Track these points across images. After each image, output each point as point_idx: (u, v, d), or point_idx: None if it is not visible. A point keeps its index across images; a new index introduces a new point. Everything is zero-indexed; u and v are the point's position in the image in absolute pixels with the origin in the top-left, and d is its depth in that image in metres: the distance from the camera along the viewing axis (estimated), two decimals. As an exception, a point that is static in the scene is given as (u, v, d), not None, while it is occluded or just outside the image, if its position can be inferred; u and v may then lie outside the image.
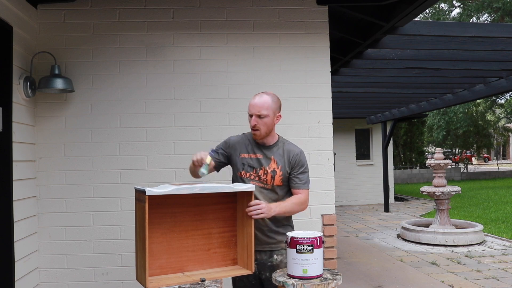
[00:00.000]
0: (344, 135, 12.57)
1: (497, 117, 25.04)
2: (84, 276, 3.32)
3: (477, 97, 7.56)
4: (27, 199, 3.14)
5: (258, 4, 3.53)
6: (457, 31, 4.51)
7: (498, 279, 4.99)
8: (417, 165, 22.15)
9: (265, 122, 2.39)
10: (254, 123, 2.39)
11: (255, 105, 2.39)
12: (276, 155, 2.47)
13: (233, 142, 2.54)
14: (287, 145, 2.52)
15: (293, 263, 2.11)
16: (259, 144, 2.49)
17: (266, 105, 2.39)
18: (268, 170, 2.44)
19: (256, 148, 2.49)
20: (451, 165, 18.81)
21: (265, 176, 2.44)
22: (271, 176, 2.43)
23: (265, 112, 2.38)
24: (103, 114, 3.39)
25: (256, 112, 2.38)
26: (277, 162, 2.45)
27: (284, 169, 2.45)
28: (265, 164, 2.45)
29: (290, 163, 2.46)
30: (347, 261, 6.01)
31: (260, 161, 2.46)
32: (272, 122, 2.43)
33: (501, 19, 17.65)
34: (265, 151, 2.47)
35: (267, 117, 2.39)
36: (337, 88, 7.12)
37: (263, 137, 2.45)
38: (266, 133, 2.44)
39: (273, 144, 2.50)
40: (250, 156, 2.47)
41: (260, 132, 2.41)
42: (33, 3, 3.27)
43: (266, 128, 2.41)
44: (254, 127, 2.40)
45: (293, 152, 2.49)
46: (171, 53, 3.45)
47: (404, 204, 12.61)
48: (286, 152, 2.48)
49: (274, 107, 2.43)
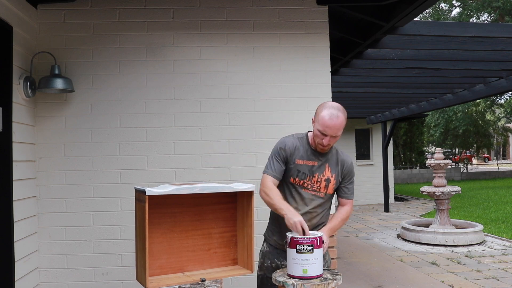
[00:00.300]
0: (344, 135, 12.48)
1: (496, 116, 25.04)
2: (84, 276, 3.32)
3: (477, 97, 7.56)
4: (27, 199, 3.14)
5: (258, 4, 3.53)
6: (457, 31, 4.51)
7: (498, 279, 4.99)
8: (417, 165, 22.15)
9: (335, 141, 2.36)
10: (328, 142, 2.31)
11: (333, 128, 2.27)
12: (331, 163, 2.44)
13: (290, 147, 2.42)
14: (340, 155, 2.50)
15: (293, 263, 2.11)
16: (315, 151, 2.42)
17: (341, 126, 2.31)
18: (322, 178, 2.41)
19: (312, 154, 2.42)
20: (451, 165, 18.82)
21: (318, 184, 2.41)
22: (325, 184, 2.42)
23: (340, 133, 2.32)
24: (103, 114, 3.39)
25: (333, 134, 2.29)
26: (331, 170, 2.43)
27: (337, 178, 2.45)
28: (319, 172, 2.41)
29: (343, 173, 2.47)
30: (347, 261, 6.01)
31: (315, 168, 2.41)
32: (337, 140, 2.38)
33: (501, 19, 17.65)
34: (321, 157, 2.42)
35: (338, 137, 2.33)
36: (337, 88, 7.12)
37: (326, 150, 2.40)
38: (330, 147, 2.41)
39: (328, 152, 2.45)
40: (306, 163, 2.40)
41: (329, 148, 2.39)
42: (33, 3, 3.27)
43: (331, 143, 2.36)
44: (325, 146, 2.34)
45: (347, 162, 2.49)
46: (171, 53, 3.45)
47: (404, 204, 12.61)
48: (340, 162, 2.47)
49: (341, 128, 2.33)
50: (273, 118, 3.51)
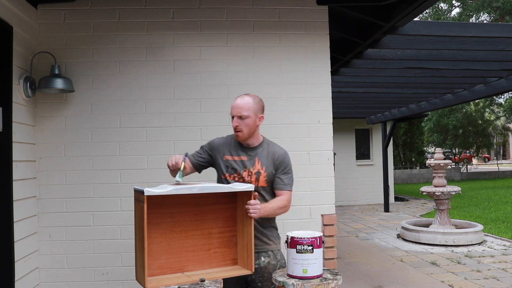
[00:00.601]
0: (344, 135, 12.57)
1: (495, 115, 25.04)
2: (84, 276, 3.32)
3: (477, 97, 7.56)
4: (27, 199, 3.14)
5: (258, 4, 3.53)
6: (457, 31, 4.51)
7: (498, 279, 4.99)
8: (417, 165, 22.15)
9: (246, 123, 2.40)
10: (236, 124, 2.41)
11: (236, 107, 2.42)
12: (261, 156, 2.47)
13: (217, 144, 2.54)
14: (271, 146, 2.53)
15: (293, 263, 2.11)
16: (243, 145, 2.49)
17: (247, 106, 2.40)
18: (253, 171, 2.44)
19: (240, 150, 2.49)
20: (451, 165, 18.83)
21: (249, 178, 2.44)
22: (256, 177, 2.44)
23: (246, 113, 2.39)
24: (103, 114, 3.39)
25: (237, 113, 2.40)
26: (261, 163, 2.46)
27: (269, 169, 2.46)
28: (249, 166, 2.45)
29: (274, 164, 2.47)
30: (347, 261, 6.01)
31: (244, 163, 2.45)
32: (254, 123, 2.43)
33: (501, 19, 17.65)
34: (249, 152, 2.48)
35: (248, 118, 2.40)
36: (337, 88, 7.12)
37: (245, 138, 2.45)
38: (249, 134, 2.44)
39: (258, 146, 2.50)
40: (234, 158, 2.47)
41: (243, 133, 2.42)
42: (33, 3, 3.27)
43: (248, 129, 2.42)
44: (236, 128, 2.42)
45: (278, 153, 2.50)
46: (171, 53, 3.45)
47: (404, 204, 12.61)
48: (271, 153, 2.49)
49: (255, 108, 2.43)
50: (273, 118, 3.50)
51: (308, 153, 3.52)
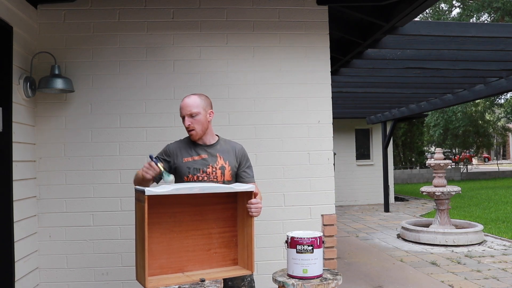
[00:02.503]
0: (344, 135, 12.57)
1: (496, 116, 25.04)
2: (84, 276, 3.32)
3: (477, 97, 7.56)
4: (27, 199, 3.14)
5: (258, 4, 3.53)
6: (457, 31, 4.51)
7: (498, 279, 4.99)
8: (417, 165, 22.15)
9: (198, 120, 2.42)
10: (188, 123, 2.41)
11: (185, 106, 2.42)
12: (221, 152, 2.50)
13: (173, 148, 2.51)
14: (229, 143, 2.58)
15: (293, 263, 2.11)
16: (201, 145, 2.50)
17: (195, 103, 2.42)
18: (216, 166, 2.46)
19: (198, 149, 2.49)
20: (451, 165, 18.82)
21: (214, 173, 2.45)
22: (221, 172, 2.46)
23: (195, 110, 2.40)
24: (103, 114, 3.39)
25: (187, 112, 2.41)
26: (223, 158, 2.49)
27: (232, 163, 2.50)
28: (211, 162, 2.46)
29: (237, 158, 2.53)
30: (347, 261, 6.01)
31: (206, 160, 2.46)
32: (205, 119, 2.44)
33: (501, 19, 17.65)
34: (208, 150, 2.49)
35: (198, 115, 2.41)
36: (337, 88, 7.12)
37: (200, 135, 2.46)
38: (202, 131, 2.45)
39: (215, 143, 2.53)
40: (194, 158, 2.46)
41: (196, 131, 2.43)
42: (33, 3, 3.27)
43: (201, 126, 2.43)
44: (188, 127, 2.42)
45: (238, 147, 2.57)
46: (171, 53, 3.45)
47: (404, 204, 12.61)
48: (231, 148, 2.54)
49: (203, 104, 2.45)
50: (273, 118, 3.51)
51: (308, 153, 3.52)
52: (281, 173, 3.49)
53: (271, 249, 3.41)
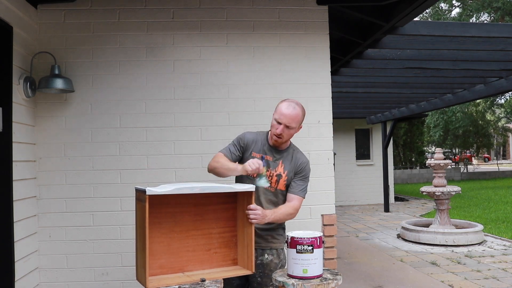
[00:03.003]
0: (344, 135, 12.57)
1: (496, 117, 25.04)
2: (84, 276, 3.32)
3: (477, 97, 7.56)
4: (27, 199, 3.14)
5: (258, 4, 3.52)
6: (457, 31, 4.51)
7: (498, 279, 4.99)
8: (417, 165, 22.15)
9: (289, 133, 2.46)
10: (280, 132, 2.41)
11: (287, 116, 2.41)
12: (285, 160, 2.53)
13: (248, 139, 2.54)
14: (296, 153, 2.58)
15: (293, 263, 2.11)
16: (272, 147, 2.53)
17: (297, 119, 2.44)
18: (274, 173, 2.49)
19: (268, 150, 2.53)
20: (451, 165, 18.80)
21: (270, 178, 2.48)
22: (276, 179, 2.49)
23: (294, 125, 2.43)
24: (103, 114, 3.39)
25: (286, 122, 2.41)
26: (284, 167, 2.51)
27: (290, 174, 2.51)
28: (272, 167, 2.50)
29: (296, 170, 2.53)
30: (347, 261, 6.01)
31: (269, 163, 2.50)
32: (294, 133, 2.50)
33: (501, 19, 17.65)
34: (276, 154, 2.53)
35: (293, 129, 2.45)
36: (337, 88, 7.12)
37: (280, 144, 2.51)
38: (287, 141, 2.52)
39: (285, 150, 2.56)
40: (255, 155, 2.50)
41: (282, 140, 2.47)
42: (33, 3, 3.27)
43: (288, 138, 2.49)
44: (279, 135, 2.43)
45: (301, 160, 2.56)
46: (171, 53, 3.45)
47: (404, 204, 12.61)
48: (295, 159, 2.54)
49: (301, 120, 2.48)
50: (273, 118, 3.50)
51: (308, 153, 3.51)
52: (281, 173, 3.49)
53: (271, 249, 3.40)
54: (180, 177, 3.38)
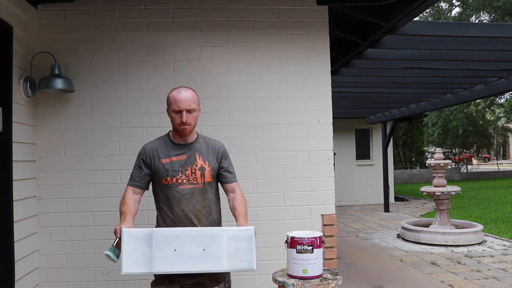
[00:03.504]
0: (344, 135, 12.56)
1: (496, 116, 25.03)
2: (84, 276, 3.32)
3: (477, 97, 7.56)
4: (27, 199, 3.14)
5: (258, 4, 3.53)
6: (457, 31, 4.51)
7: (498, 279, 4.99)
8: (417, 165, 22.14)
9: (194, 117, 2.35)
10: (186, 118, 2.29)
11: (184, 100, 2.30)
12: (200, 151, 2.41)
13: (150, 150, 2.41)
14: (209, 141, 2.49)
15: (293, 263, 2.11)
16: (178, 144, 2.41)
17: (194, 99, 2.34)
18: (196, 168, 2.37)
19: (176, 149, 2.39)
20: (451, 165, 18.82)
21: (194, 175, 2.36)
22: (201, 173, 2.37)
23: (194, 106, 2.33)
24: (103, 114, 3.39)
25: (186, 107, 2.30)
26: (203, 158, 2.39)
27: (212, 163, 2.41)
28: (190, 163, 2.37)
29: (217, 158, 2.43)
30: (347, 261, 6.01)
31: (185, 162, 2.37)
32: (197, 116, 2.40)
33: (501, 19, 17.65)
34: (187, 150, 2.40)
35: (195, 111, 2.36)
36: (337, 88, 7.11)
37: (190, 132, 2.38)
38: (194, 127, 2.39)
39: (194, 141, 2.44)
40: (172, 159, 2.37)
41: (190, 127, 2.35)
42: (33, 3, 3.27)
43: (194, 123, 2.37)
44: (186, 122, 2.30)
45: (217, 145, 2.47)
46: (171, 53, 3.45)
47: (404, 204, 12.61)
48: (211, 147, 2.44)
49: (198, 100, 2.39)
50: (273, 118, 3.51)
51: (308, 153, 3.52)
52: (281, 173, 3.49)
53: (271, 249, 3.40)
54: (180, 177, 3.37)
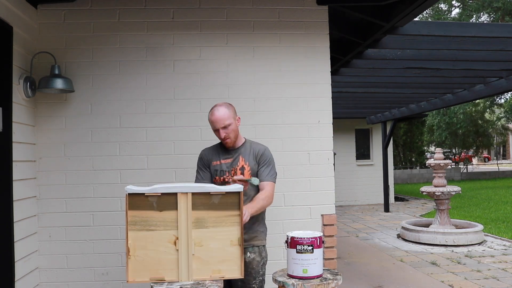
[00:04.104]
0: (344, 135, 12.57)
1: (496, 116, 25.03)
2: (84, 276, 3.32)
3: (477, 97, 7.56)
4: (27, 199, 3.14)
5: (258, 4, 3.53)
6: (457, 31, 4.51)
7: (498, 279, 4.99)
8: (417, 165, 22.15)
9: (232, 129, 2.61)
10: (224, 134, 2.60)
11: (217, 120, 2.58)
12: (244, 154, 2.68)
13: (205, 155, 2.76)
14: (253, 145, 2.73)
15: (293, 263, 2.12)
16: (228, 149, 2.69)
17: (226, 115, 2.59)
18: (237, 168, 2.64)
19: (225, 154, 2.69)
20: (451, 165, 18.81)
21: (236, 174, 2.62)
22: (241, 172, 2.63)
23: (228, 122, 2.59)
24: (103, 114, 3.39)
25: (221, 125, 2.58)
26: (244, 159, 2.66)
27: (252, 163, 2.65)
28: (234, 165, 2.65)
29: (256, 158, 2.67)
30: (347, 261, 6.01)
31: (231, 164, 2.65)
32: (236, 127, 2.65)
33: (501, 19, 17.65)
34: (233, 153, 2.68)
35: (231, 125, 2.60)
36: (337, 88, 7.12)
37: (234, 142, 2.66)
38: (235, 137, 2.66)
39: (240, 146, 2.71)
40: (221, 162, 2.67)
41: (231, 139, 2.63)
42: (33, 3, 3.27)
43: (234, 134, 2.63)
44: (225, 138, 2.61)
45: (258, 147, 2.71)
46: (171, 53, 3.45)
47: (404, 204, 12.61)
48: (253, 150, 2.69)
49: (232, 114, 2.63)
50: (273, 118, 3.51)
51: (308, 153, 3.52)
52: (281, 173, 3.49)
53: (271, 249, 3.39)
54: (180, 177, 3.38)
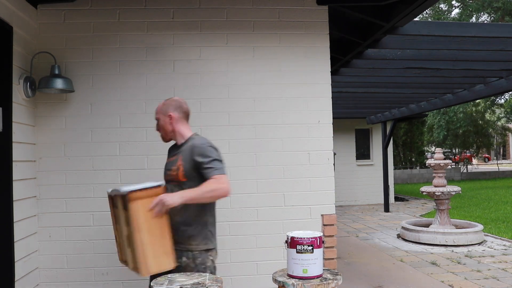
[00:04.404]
0: (344, 135, 12.57)
1: (496, 116, 25.03)
2: (84, 276, 3.32)
3: (477, 97, 7.56)
4: (27, 199, 3.14)
5: (258, 4, 3.53)
6: (457, 31, 4.51)
7: (498, 279, 4.99)
8: (417, 165, 22.14)
9: (160, 125, 2.62)
10: (157, 128, 2.65)
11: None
12: (184, 152, 2.52)
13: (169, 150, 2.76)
14: (192, 140, 2.53)
15: (293, 263, 2.11)
16: (174, 146, 2.68)
17: (157, 109, 2.64)
18: (174, 168, 2.52)
19: (173, 150, 2.67)
20: (451, 165, 18.82)
21: (175, 173, 2.50)
22: (176, 173, 2.50)
23: (156, 116, 2.63)
24: (103, 114, 3.39)
25: (155, 117, 2.64)
26: (182, 159, 2.49)
27: (186, 163, 2.44)
28: (173, 165, 2.55)
29: (192, 156, 2.43)
30: (347, 261, 6.01)
31: (173, 162, 2.57)
32: (165, 123, 2.60)
33: (501, 19, 17.65)
34: (177, 151, 2.61)
35: (159, 120, 2.62)
36: (337, 88, 7.12)
37: (165, 138, 2.66)
38: (166, 134, 2.63)
39: (183, 143, 2.59)
40: (168, 160, 2.66)
41: (161, 134, 2.65)
42: (33, 3, 3.27)
43: (163, 130, 2.62)
44: (160, 132, 2.64)
45: (195, 144, 2.48)
46: (171, 53, 3.45)
47: (404, 204, 12.61)
48: (191, 147, 2.48)
49: (163, 110, 2.61)
50: (273, 118, 3.51)
51: (308, 153, 3.52)
52: (281, 173, 3.49)
53: (271, 249, 3.41)
54: (180, 177, 3.38)
